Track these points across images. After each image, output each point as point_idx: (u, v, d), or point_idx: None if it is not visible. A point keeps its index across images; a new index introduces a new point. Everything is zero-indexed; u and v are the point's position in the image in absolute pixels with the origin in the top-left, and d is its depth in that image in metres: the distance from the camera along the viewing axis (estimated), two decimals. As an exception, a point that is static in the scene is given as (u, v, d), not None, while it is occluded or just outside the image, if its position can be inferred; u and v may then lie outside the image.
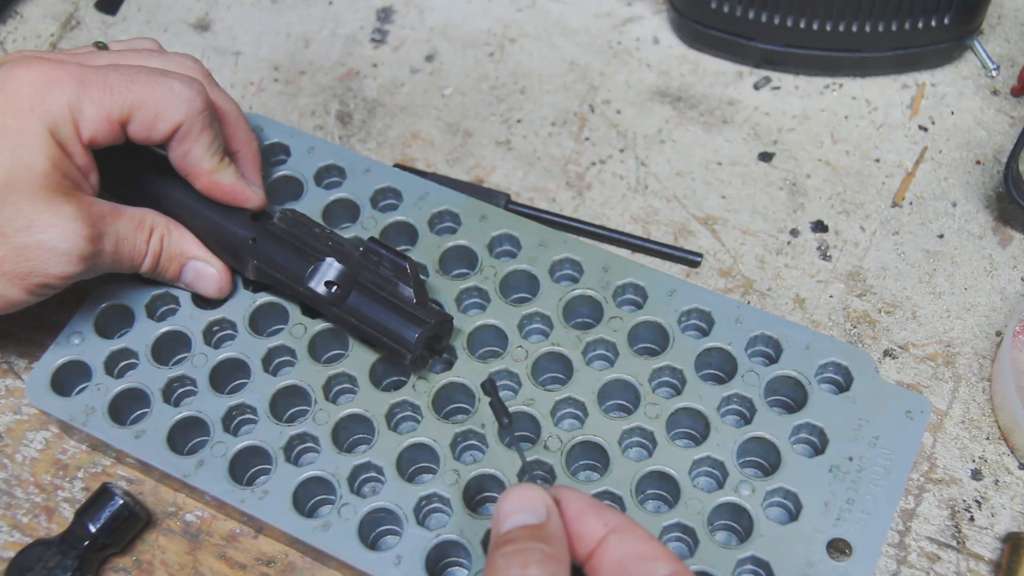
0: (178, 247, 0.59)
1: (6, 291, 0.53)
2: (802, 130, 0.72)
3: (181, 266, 0.59)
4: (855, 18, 0.69)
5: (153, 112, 0.54)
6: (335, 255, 0.57)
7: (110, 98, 0.53)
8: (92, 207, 0.54)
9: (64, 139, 0.52)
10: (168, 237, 0.58)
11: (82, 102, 0.52)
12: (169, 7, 0.81)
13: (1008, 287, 0.65)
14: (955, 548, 0.56)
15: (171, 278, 0.60)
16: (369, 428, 0.57)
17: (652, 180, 0.71)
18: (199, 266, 0.59)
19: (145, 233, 0.57)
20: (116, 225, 0.55)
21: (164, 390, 0.58)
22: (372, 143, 0.73)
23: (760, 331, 0.58)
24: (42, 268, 0.52)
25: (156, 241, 0.58)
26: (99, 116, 0.53)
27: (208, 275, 0.59)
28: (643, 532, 0.43)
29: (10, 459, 0.61)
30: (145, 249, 0.57)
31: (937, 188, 0.69)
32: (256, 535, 0.58)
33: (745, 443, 0.55)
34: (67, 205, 0.52)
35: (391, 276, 0.57)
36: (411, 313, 0.55)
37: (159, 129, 0.54)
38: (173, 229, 0.59)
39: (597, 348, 0.59)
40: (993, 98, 0.73)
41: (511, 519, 0.43)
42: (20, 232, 0.52)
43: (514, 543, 0.42)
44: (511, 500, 0.43)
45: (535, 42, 0.78)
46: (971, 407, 0.61)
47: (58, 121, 0.52)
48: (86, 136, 0.53)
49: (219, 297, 0.60)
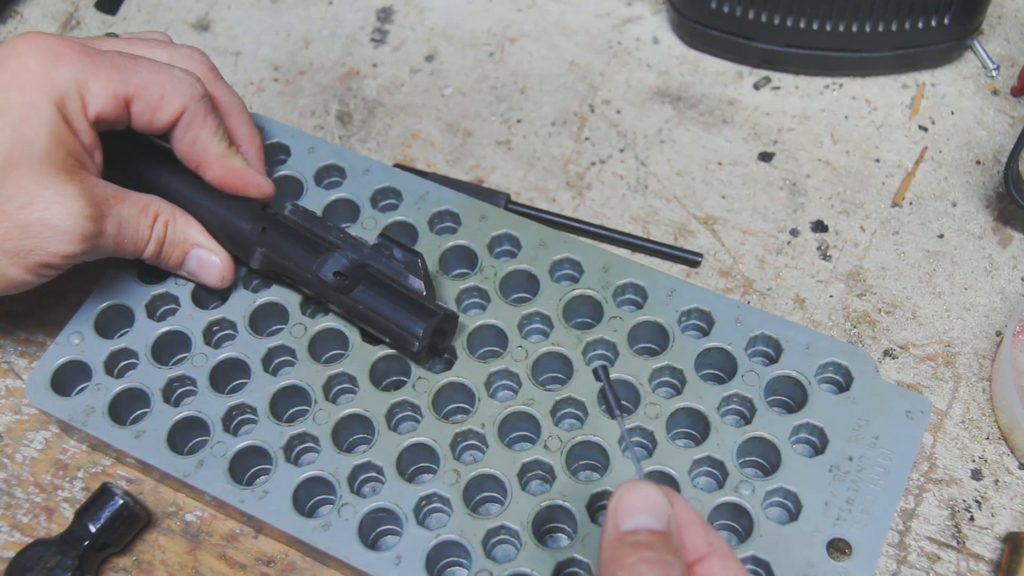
0: (183, 233, 0.58)
1: (7, 269, 0.52)
2: (802, 130, 0.72)
3: (184, 253, 0.58)
4: (855, 18, 0.69)
5: (158, 94, 0.54)
6: (345, 246, 0.58)
7: (118, 76, 0.53)
8: (96, 187, 0.53)
9: (70, 114, 0.52)
10: (173, 223, 0.58)
11: (88, 77, 0.52)
12: (169, 7, 0.81)
13: (1008, 287, 0.65)
14: (955, 548, 0.56)
15: (174, 265, 0.59)
16: (369, 428, 0.57)
17: (652, 180, 0.71)
18: (203, 254, 0.59)
19: (149, 218, 0.56)
20: (120, 208, 0.55)
21: (164, 390, 0.58)
22: (372, 143, 0.73)
23: (760, 331, 0.58)
24: (43, 246, 0.52)
25: (160, 227, 0.57)
26: (106, 92, 0.52)
27: (211, 263, 0.59)
28: (741, 566, 0.41)
29: (10, 459, 0.61)
30: (148, 234, 0.56)
31: (937, 188, 0.69)
32: (256, 535, 0.58)
33: (745, 443, 0.55)
34: (70, 183, 0.52)
35: (402, 269, 0.57)
36: (421, 304, 0.56)
37: (164, 112, 0.54)
38: (178, 216, 0.58)
39: (597, 348, 0.59)
40: (993, 98, 0.73)
41: (635, 517, 0.40)
42: (22, 209, 0.51)
43: (651, 550, 0.39)
44: (635, 495, 0.40)
45: (535, 42, 0.78)
46: (971, 407, 0.61)
47: (65, 95, 0.51)
48: (92, 112, 0.52)
49: (221, 287, 0.60)
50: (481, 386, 0.57)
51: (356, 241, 0.58)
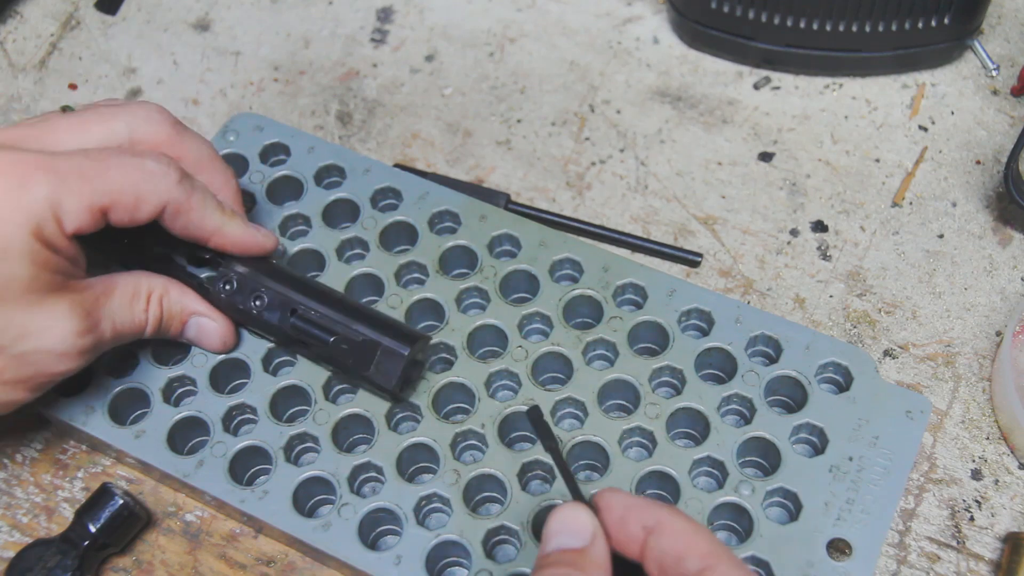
0: (178, 305, 0.57)
1: (9, 396, 0.52)
2: (802, 130, 0.72)
3: (183, 323, 0.58)
4: (855, 18, 0.69)
5: (133, 197, 0.51)
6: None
7: (88, 187, 0.50)
8: (85, 294, 0.52)
9: (49, 237, 0.49)
10: (167, 297, 0.56)
11: (61, 196, 0.49)
12: (169, 7, 0.81)
13: (1008, 287, 0.65)
14: (955, 548, 0.56)
15: (174, 336, 0.58)
16: (369, 428, 0.57)
17: (652, 180, 0.71)
18: (202, 322, 0.58)
19: (142, 302, 0.55)
20: (110, 304, 0.53)
21: (164, 390, 0.58)
22: (372, 143, 0.73)
23: (760, 331, 0.58)
24: (43, 371, 0.51)
25: (155, 306, 0.56)
26: (80, 207, 0.49)
27: (210, 330, 0.58)
28: (681, 525, 0.42)
29: (10, 459, 0.61)
30: (145, 318, 0.55)
31: (937, 188, 0.69)
32: (256, 535, 0.58)
33: (745, 443, 0.55)
34: (59, 303, 0.50)
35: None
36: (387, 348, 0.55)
37: (143, 211, 0.52)
38: (172, 288, 0.57)
39: (597, 348, 0.59)
40: (993, 98, 0.73)
41: (554, 540, 0.43)
42: (16, 342, 0.50)
43: (553, 568, 0.41)
44: (557, 519, 0.43)
45: (535, 42, 0.78)
46: (971, 407, 0.61)
47: (40, 222, 0.48)
48: (70, 229, 0.50)
49: (223, 351, 0.59)
50: (481, 386, 0.57)
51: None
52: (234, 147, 0.67)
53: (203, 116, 0.75)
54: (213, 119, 0.75)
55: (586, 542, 0.42)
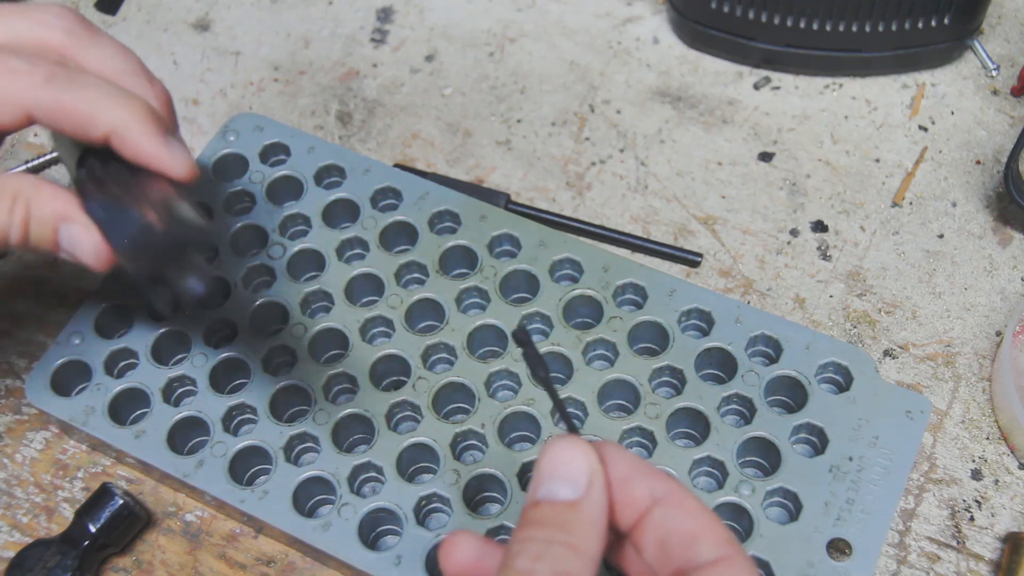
0: (48, 207, 0.47)
1: None
2: (802, 130, 0.72)
3: (55, 231, 0.48)
4: (855, 18, 0.69)
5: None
6: None
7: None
8: None
9: None
10: (37, 198, 0.47)
11: None
12: (169, 7, 0.81)
13: (1008, 287, 0.65)
14: (955, 548, 0.56)
15: (52, 249, 0.48)
16: (369, 428, 0.57)
17: (652, 180, 0.71)
18: (74, 230, 0.47)
19: (7, 201, 0.47)
20: None
21: (164, 390, 0.58)
22: (372, 143, 0.73)
23: (760, 331, 0.58)
24: None
25: (21, 208, 0.47)
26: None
27: (80, 239, 0.48)
28: (694, 504, 0.36)
29: (10, 459, 0.61)
30: (8, 219, 0.47)
31: (937, 188, 0.69)
32: (256, 535, 0.58)
33: (745, 443, 0.55)
34: None
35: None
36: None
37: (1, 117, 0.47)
38: (44, 188, 0.47)
39: (597, 348, 0.59)
40: (993, 98, 0.73)
41: (546, 485, 0.36)
42: None
43: (535, 528, 0.35)
44: (554, 458, 0.36)
45: (535, 42, 0.78)
46: (971, 407, 0.61)
47: None
48: None
49: (100, 268, 0.48)
50: (481, 386, 0.57)
51: None
52: (234, 147, 0.67)
53: (203, 116, 0.75)
54: (213, 119, 0.75)
55: (580, 493, 0.36)
